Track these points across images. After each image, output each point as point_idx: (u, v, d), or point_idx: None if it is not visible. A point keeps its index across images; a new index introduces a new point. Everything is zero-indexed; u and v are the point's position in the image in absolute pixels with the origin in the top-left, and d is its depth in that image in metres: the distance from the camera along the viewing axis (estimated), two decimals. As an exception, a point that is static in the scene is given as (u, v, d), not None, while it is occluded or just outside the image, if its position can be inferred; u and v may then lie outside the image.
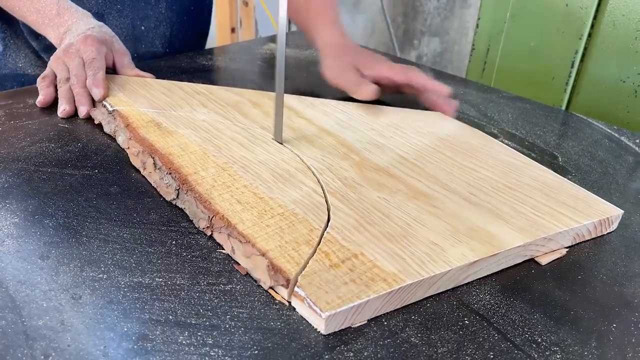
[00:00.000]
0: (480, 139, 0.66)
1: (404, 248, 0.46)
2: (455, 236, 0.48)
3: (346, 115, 0.69)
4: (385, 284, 0.42)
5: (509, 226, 0.49)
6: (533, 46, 0.91)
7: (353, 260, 0.44)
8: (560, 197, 0.55)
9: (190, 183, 0.53)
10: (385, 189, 0.54)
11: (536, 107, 0.83)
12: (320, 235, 0.47)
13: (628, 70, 0.84)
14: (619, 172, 0.66)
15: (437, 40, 1.88)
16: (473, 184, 0.56)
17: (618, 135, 0.75)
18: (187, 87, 0.74)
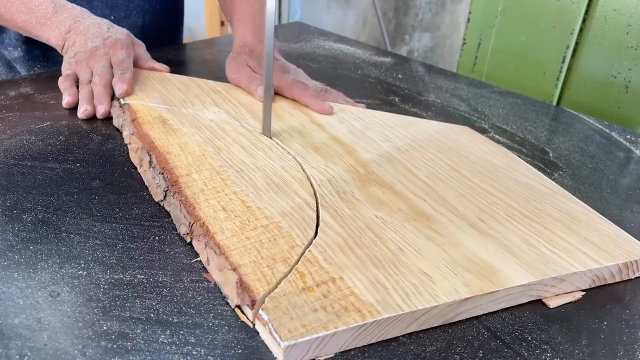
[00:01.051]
0: (506, 158, 0.60)
1: (389, 276, 0.41)
2: (451, 267, 0.43)
3: (363, 124, 0.65)
4: (359, 316, 0.38)
5: (516, 261, 0.44)
6: (524, 41, 0.90)
7: (329, 285, 0.40)
8: (584, 232, 0.49)
9: (179, 185, 0.51)
10: (385, 208, 0.49)
11: (527, 102, 0.82)
12: (301, 254, 0.43)
13: (619, 65, 0.83)
14: (609, 168, 0.65)
15: (428, 35, 1.86)
16: (485, 209, 0.51)
17: (609, 131, 0.74)
18: (205, 84, 0.72)
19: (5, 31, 0.85)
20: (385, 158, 0.58)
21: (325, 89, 0.72)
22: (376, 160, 0.57)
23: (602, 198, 0.58)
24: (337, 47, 1.01)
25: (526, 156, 0.65)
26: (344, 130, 0.63)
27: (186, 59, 0.91)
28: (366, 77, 0.88)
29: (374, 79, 0.87)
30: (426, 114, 0.75)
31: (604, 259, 0.45)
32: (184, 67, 0.87)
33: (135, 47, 0.75)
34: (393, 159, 0.58)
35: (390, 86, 0.84)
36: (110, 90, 0.67)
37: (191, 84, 0.72)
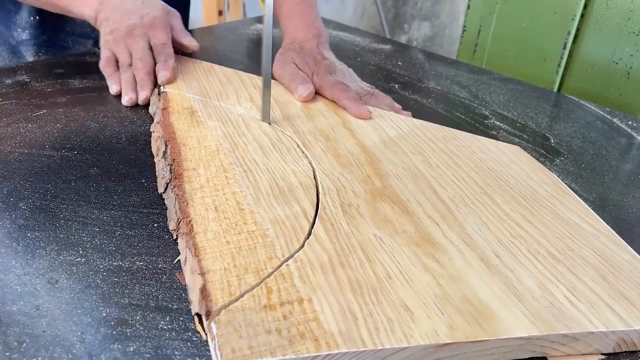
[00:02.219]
0: (552, 187, 0.53)
1: (364, 305, 0.37)
2: (440, 305, 0.37)
3: (398, 133, 0.60)
4: (313, 346, 0.34)
5: (521, 308, 0.38)
6: (525, 27, 0.89)
7: (294, 306, 0.36)
8: (621, 285, 0.41)
9: (181, 179, 0.49)
10: (388, 227, 0.45)
11: (528, 88, 0.81)
12: (276, 267, 0.40)
13: (620, 51, 0.82)
14: (611, 154, 0.65)
15: (427, 24, 1.81)
16: (506, 242, 0.44)
17: (610, 117, 0.74)
18: (248, 78, 0.71)
19: (19, 11, 0.84)
20: (409, 172, 0.53)
21: (372, 93, 0.67)
22: (398, 174, 0.52)
23: (604, 184, 0.58)
24: (336, 34, 1.00)
25: (527, 142, 0.65)
26: (375, 139, 0.58)
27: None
28: (365, 64, 0.87)
29: (373, 66, 0.86)
30: (426, 101, 0.75)
31: (635, 320, 0.38)
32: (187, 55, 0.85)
33: (170, 19, 0.73)
34: (418, 175, 0.52)
35: (390, 73, 0.84)
36: (153, 77, 0.67)
37: (234, 77, 0.71)
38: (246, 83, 0.69)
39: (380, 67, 0.85)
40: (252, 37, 0.95)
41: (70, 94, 0.68)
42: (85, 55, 0.80)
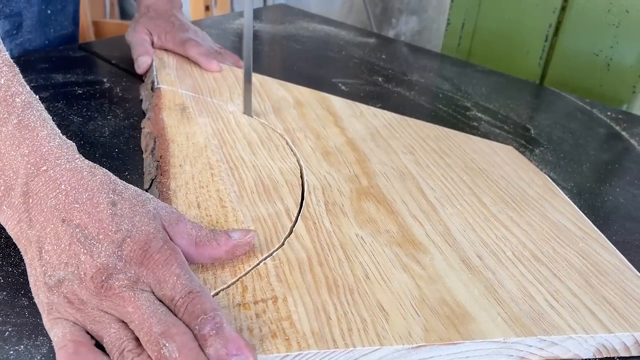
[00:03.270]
0: (543, 189, 0.52)
1: (340, 305, 0.36)
2: (417, 306, 0.37)
3: (390, 132, 0.59)
4: (284, 345, 0.33)
5: (500, 311, 0.37)
6: (508, 20, 0.90)
7: (268, 305, 0.36)
8: (605, 289, 0.40)
9: (167, 175, 0.49)
10: (371, 227, 0.44)
11: (510, 80, 0.82)
12: (254, 266, 0.39)
13: (601, 43, 0.83)
14: (590, 144, 0.66)
15: (415, 18, 1.81)
16: (490, 244, 0.43)
17: (590, 108, 0.75)
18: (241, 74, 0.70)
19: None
20: (397, 172, 0.52)
21: (220, 52, 0.75)
22: (386, 173, 0.52)
23: (582, 173, 0.59)
24: (321, 28, 1.00)
25: (508, 133, 0.67)
26: (366, 137, 0.58)
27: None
28: (350, 57, 0.87)
29: (357, 59, 0.87)
30: (409, 93, 0.75)
31: (616, 325, 0.37)
32: None
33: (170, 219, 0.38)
34: (406, 174, 0.52)
35: (373, 66, 0.84)
36: None
37: (229, 74, 0.70)
38: (240, 79, 0.69)
39: (364, 61, 0.86)
40: (238, 31, 0.95)
41: (54, 89, 0.67)
42: (69, 51, 0.79)
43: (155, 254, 0.34)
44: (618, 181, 0.58)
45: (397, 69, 0.84)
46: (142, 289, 0.33)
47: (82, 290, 0.32)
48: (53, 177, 0.35)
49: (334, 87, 0.75)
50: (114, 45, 0.81)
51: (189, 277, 0.34)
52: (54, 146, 0.36)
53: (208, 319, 0.32)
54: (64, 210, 0.34)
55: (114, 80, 0.71)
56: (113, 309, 0.32)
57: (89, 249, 0.33)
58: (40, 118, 0.37)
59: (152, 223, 0.35)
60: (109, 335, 0.32)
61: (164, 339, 0.31)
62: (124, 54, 0.77)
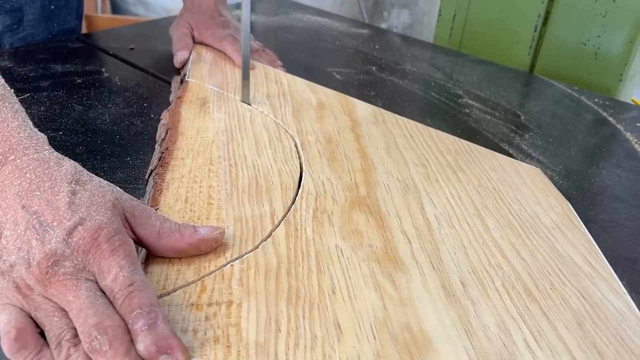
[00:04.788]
0: (562, 217, 0.48)
1: (295, 318, 0.35)
2: (376, 329, 0.35)
3: (407, 142, 0.56)
4: (223, 353, 0.32)
5: (467, 345, 0.34)
6: (498, 10, 0.92)
7: (221, 308, 0.35)
8: (599, 335, 0.36)
9: (166, 167, 0.49)
10: (354, 239, 0.42)
11: (501, 69, 0.85)
12: (220, 266, 0.38)
13: (589, 33, 0.85)
14: (577, 129, 0.68)
15: (406, 12, 1.78)
16: (480, 271, 0.40)
17: (578, 95, 0.77)
18: (274, 73, 0.70)
19: None
20: (402, 184, 0.49)
21: (258, 49, 0.76)
22: (389, 185, 0.49)
23: (570, 156, 0.62)
24: (314, 19, 1.02)
25: (498, 119, 0.69)
26: (380, 145, 0.56)
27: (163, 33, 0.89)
28: (344, 48, 0.89)
29: (351, 49, 0.89)
30: (403, 82, 0.77)
31: (599, 379, 0.33)
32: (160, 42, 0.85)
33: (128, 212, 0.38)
34: (411, 188, 0.49)
35: (367, 56, 0.86)
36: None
37: (260, 72, 0.70)
38: (270, 77, 0.69)
39: (357, 51, 0.88)
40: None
41: (53, 78, 0.69)
42: (67, 42, 0.81)
43: (103, 243, 0.33)
44: (605, 164, 0.60)
45: (390, 58, 0.86)
46: (86, 278, 0.33)
47: (29, 276, 0.32)
48: (20, 166, 0.36)
49: (328, 76, 0.76)
50: (111, 37, 0.84)
51: (134, 270, 0.33)
52: (24, 137, 0.37)
53: (143, 313, 0.31)
54: (25, 197, 0.34)
55: (112, 70, 0.72)
56: (56, 296, 0.32)
57: (42, 235, 0.33)
58: (12, 110, 0.38)
59: (107, 213, 0.35)
60: (50, 323, 0.32)
61: (96, 331, 0.30)
62: (121, 45, 0.79)
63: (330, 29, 0.97)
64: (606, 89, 0.87)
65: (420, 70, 0.82)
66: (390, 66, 0.82)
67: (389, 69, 0.81)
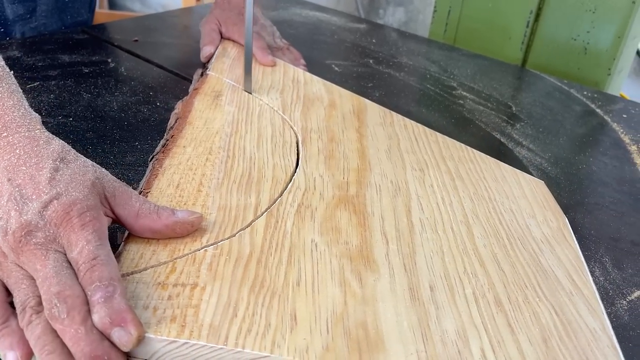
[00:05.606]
0: (552, 232, 0.46)
1: (254, 305, 0.36)
2: (331, 323, 0.35)
3: (410, 145, 0.56)
4: (177, 331, 0.33)
5: (420, 348, 0.34)
6: (491, 7, 0.95)
7: (185, 290, 0.36)
8: (562, 353, 0.35)
9: (167, 154, 0.51)
10: (332, 235, 0.42)
11: (494, 63, 0.88)
12: (193, 251, 0.40)
13: (578, 28, 0.89)
14: (567, 119, 0.71)
15: (401, 9, 1.80)
16: (453, 277, 0.40)
17: (568, 88, 0.81)
18: (294, 72, 0.71)
19: None
20: (394, 186, 0.49)
21: (282, 48, 0.78)
22: (380, 186, 0.49)
23: (559, 145, 0.65)
24: (313, 14, 1.05)
25: (491, 110, 0.73)
26: (382, 147, 0.56)
27: (165, 26, 0.92)
28: (342, 42, 0.92)
29: (349, 43, 0.92)
30: (399, 74, 0.81)
31: (551, 395, 0.32)
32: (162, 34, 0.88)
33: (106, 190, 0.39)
34: (402, 191, 0.49)
35: (364, 49, 0.90)
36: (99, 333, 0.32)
37: (279, 69, 0.71)
38: (287, 76, 0.70)
39: (355, 44, 0.92)
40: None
41: (61, 68, 0.71)
42: (73, 33, 0.83)
43: (74, 218, 0.35)
44: (592, 152, 0.64)
45: (387, 52, 0.89)
46: (55, 250, 0.35)
47: (5, 243, 0.35)
48: (11, 142, 0.38)
49: (327, 68, 0.79)
50: (116, 29, 0.87)
51: (100, 245, 0.35)
52: (17, 116, 0.39)
53: (101, 286, 0.33)
54: (12, 171, 0.37)
55: (118, 61, 0.75)
56: (26, 264, 0.34)
57: (20, 207, 0.35)
58: (9, 90, 0.40)
59: (84, 190, 0.37)
60: (18, 290, 0.34)
61: (57, 299, 0.32)
62: (125, 37, 0.82)
63: (328, 24, 1.00)
64: (595, 83, 0.89)
65: (416, 64, 0.86)
66: (387, 59, 0.86)
67: (385, 62, 0.85)
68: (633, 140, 0.68)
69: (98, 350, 0.32)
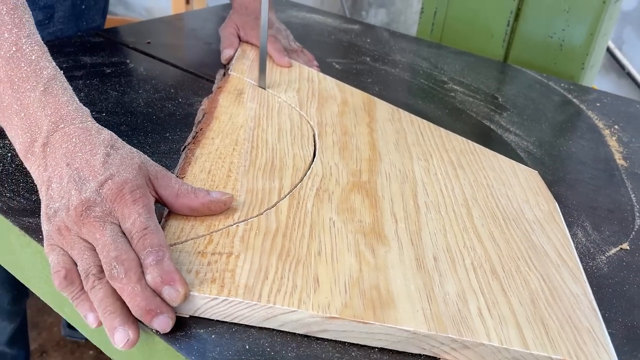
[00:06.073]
0: (543, 214, 0.52)
1: (282, 270, 0.41)
2: (349, 286, 0.40)
3: (416, 138, 0.62)
4: (216, 290, 0.39)
5: (425, 306, 0.39)
6: (474, 8, 1.03)
7: (222, 257, 0.42)
8: (547, 312, 0.40)
9: (198, 144, 0.57)
10: (348, 215, 0.48)
11: (479, 59, 0.96)
12: (227, 226, 0.45)
13: (554, 27, 0.97)
14: (547, 108, 0.80)
15: (384, 11, 1.89)
16: (454, 250, 0.45)
17: (546, 81, 0.90)
18: (307, 72, 0.77)
19: None
20: (402, 174, 0.55)
21: (296, 50, 0.83)
22: (389, 174, 0.55)
23: (541, 130, 0.74)
24: (309, 16, 1.11)
25: (480, 101, 0.80)
26: (390, 140, 0.61)
27: (173, 29, 0.98)
28: (339, 41, 1.00)
29: (346, 42, 0.99)
30: (394, 70, 0.88)
31: (537, 345, 0.37)
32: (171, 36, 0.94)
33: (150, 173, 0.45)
34: (409, 178, 0.54)
35: (360, 49, 0.97)
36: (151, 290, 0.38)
37: (295, 70, 0.77)
38: (303, 76, 0.75)
39: (352, 44, 0.98)
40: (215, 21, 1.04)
41: (85, 69, 0.76)
42: (89, 37, 0.88)
43: (127, 194, 0.41)
44: (570, 135, 0.73)
45: (381, 50, 0.96)
46: (111, 222, 0.40)
47: (68, 218, 0.40)
48: (67, 133, 0.44)
49: (329, 66, 0.85)
50: (128, 32, 0.92)
51: (149, 217, 0.41)
52: (71, 110, 0.45)
53: (152, 251, 0.38)
54: (70, 157, 0.43)
55: (135, 62, 0.81)
56: (87, 234, 0.40)
57: (79, 186, 0.41)
58: (62, 87, 0.46)
59: (133, 172, 0.43)
60: (81, 259, 0.40)
61: (115, 262, 0.38)
62: (137, 39, 0.88)
63: (324, 25, 1.08)
64: (570, 76, 0.97)
65: (409, 61, 0.93)
66: (382, 57, 0.93)
67: (381, 60, 0.92)
68: (606, 125, 0.77)
69: (152, 304, 0.37)
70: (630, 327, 0.43)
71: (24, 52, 0.45)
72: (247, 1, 0.86)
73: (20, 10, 0.46)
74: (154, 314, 0.37)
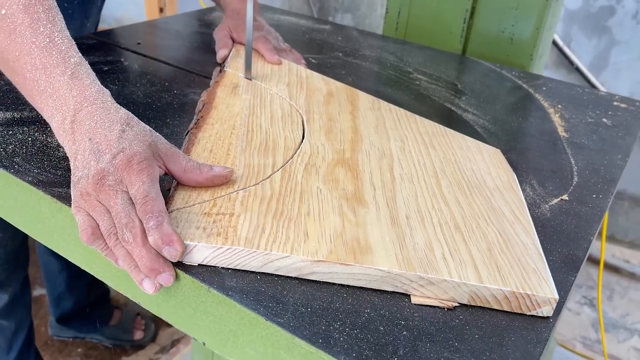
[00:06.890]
0: (502, 183, 0.60)
1: (276, 225, 0.48)
2: (333, 237, 0.48)
3: (394, 123, 0.70)
4: (221, 241, 0.46)
5: (397, 252, 0.47)
6: (434, 7, 1.16)
7: (225, 217, 0.49)
8: (501, 257, 0.48)
9: (200, 129, 0.64)
10: (332, 184, 0.55)
11: (440, 53, 1.09)
12: (228, 193, 0.53)
13: (505, 23, 1.10)
14: (500, 92, 0.93)
15: (349, 15, 2.00)
16: (423, 211, 0.53)
17: (500, 70, 1.03)
18: (296, 69, 0.84)
19: None
20: (380, 152, 0.62)
21: (285, 50, 0.91)
22: (369, 152, 0.62)
23: (495, 110, 0.85)
24: (284, 18, 1.22)
25: (442, 88, 0.91)
26: (370, 124, 0.69)
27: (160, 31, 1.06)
28: (313, 40, 1.10)
29: (319, 40, 1.10)
30: (364, 64, 0.99)
31: (490, 280, 0.45)
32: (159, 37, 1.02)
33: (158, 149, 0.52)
34: (387, 155, 0.62)
35: (333, 45, 1.08)
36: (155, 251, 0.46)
37: (284, 67, 0.85)
38: (292, 72, 0.83)
39: (325, 42, 1.10)
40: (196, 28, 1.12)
41: None
42: (83, 39, 0.95)
43: (134, 165, 0.48)
44: (521, 114, 0.85)
45: (352, 47, 1.08)
46: (122, 190, 0.47)
47: (88, 186, 0.48)
48: (91, 112, 0.51)
49: (306, 61, 0.94)
50: (117, 35, 1.00)
51: (152, 185, 0.48)
52: (94, 91, 0.53)
53: (153, 217, 0.46)
54: (92, 132, 0.50)
55: (130, 60, 0.88)
56: (104, 200, 0.47)
57: (97, 158, 0.49)
58: (86, 72, 0.54)
59: (143, 146, 0.50)
60: (102, 220, 0.47)
61: (125, 228, 0.46)
62: (127, 41, 0.95)
63: (298, 25, 1.18)
64: (521, 66, 1.09)
65: (377, 55, 1.04)
66: (353, 52, 1.04)
67: (352, 55, 1.03)
68: (551, 105, 0.89)
69: (156, 264, 0.45)
70: (566, 255, 0.54)
71: (56, 43, 0.52)
72: (239, 7, 0.94)
73: (54, 11, 0.54)
74: (158, 272, 0.45)
